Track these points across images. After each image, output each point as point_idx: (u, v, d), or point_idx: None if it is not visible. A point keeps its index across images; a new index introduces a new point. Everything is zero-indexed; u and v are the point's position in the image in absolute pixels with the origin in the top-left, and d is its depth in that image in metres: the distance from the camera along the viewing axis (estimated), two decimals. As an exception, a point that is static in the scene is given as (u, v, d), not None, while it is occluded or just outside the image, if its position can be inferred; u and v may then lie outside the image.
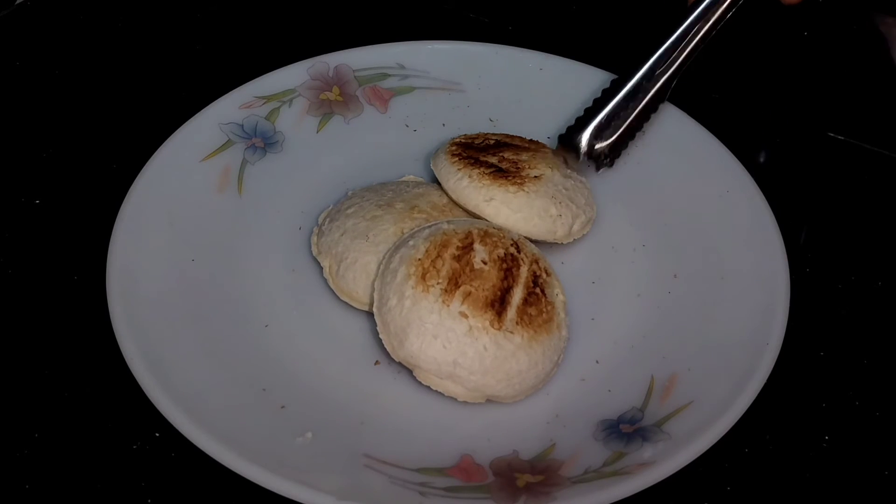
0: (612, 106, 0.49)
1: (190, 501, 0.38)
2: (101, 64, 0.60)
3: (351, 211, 0.45)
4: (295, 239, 0.47)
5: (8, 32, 0.62)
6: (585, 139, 0.48)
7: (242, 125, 0.51)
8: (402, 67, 0.56)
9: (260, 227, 0.47)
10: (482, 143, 0.48)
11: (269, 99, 0.53)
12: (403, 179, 0.49)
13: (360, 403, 0.40)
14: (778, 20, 0.66)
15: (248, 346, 0.42)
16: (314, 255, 0.45)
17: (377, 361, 0.42)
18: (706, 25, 0.50)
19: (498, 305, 0.39)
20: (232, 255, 0.45)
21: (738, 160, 0.49)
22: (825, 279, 0.48)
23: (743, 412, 0.38)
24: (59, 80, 0.58)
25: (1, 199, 0.50)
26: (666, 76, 0.50)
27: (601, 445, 0.38)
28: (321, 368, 0.41)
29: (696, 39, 0.50)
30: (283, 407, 0.39)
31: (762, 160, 0.55)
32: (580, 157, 0.48)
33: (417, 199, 0.46)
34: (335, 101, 0.54)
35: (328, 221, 0.46)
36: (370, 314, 0.41)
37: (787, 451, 0.40)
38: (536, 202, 0.45)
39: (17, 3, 0.64)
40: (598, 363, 0.42)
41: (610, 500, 0.35)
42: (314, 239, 0.46)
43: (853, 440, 0.41)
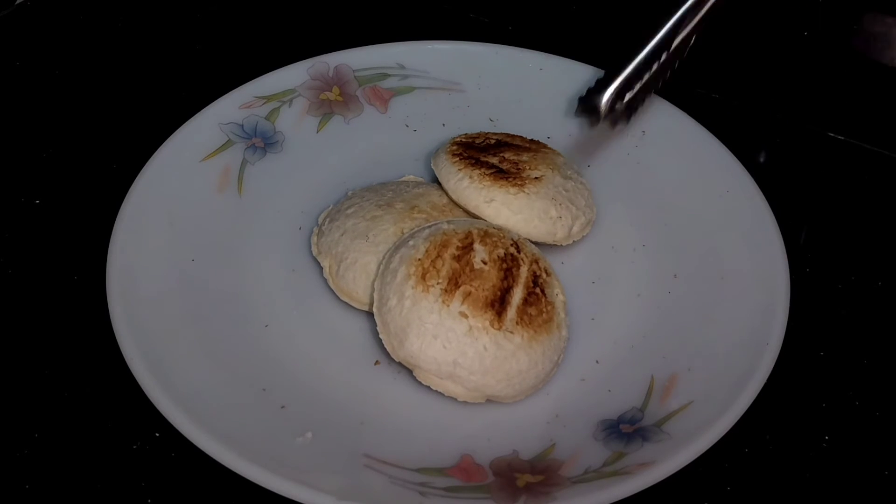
0: (632, 67, 0.47)
1: (190, 501, 0.38)
2: (101, 64, 0.60)
3: (351, 211, 0.45)
4: (295, 239, 0.47)
5: (8, 32, 0.62)
6: (605, 101, 0.46)
7: (242, 125, 0.51)
8: (402, 67, 0.56)
9: (260, 227, 0.47)
10: (483, 142, 0.48)
11: (269, 99, 0.53)
12: (403, 179, 0.49)
13: (360, 403, 0.40)
14: (778, 20, 0.66)
15: (248, 346, 0.42)
16: (314, 255, 0.45)
17: (377, 361, 0.42)
18: None
19: (498, 305, 0.39)
20: (232, 255, 0.45)
21: (738, 160, 0.49)
22: (825, 279, 0.48)
23: (743, 412, 0.38)
24: (59, 80, 0.58)
25: (1, 199, 0.50)
26: (685, 32, 0.48)
27: (601, 445, 0.38)
28: (321, 368, 0.41)
29: None
30: (283, 407, 0.39)
31: (762, 160, 0.55)
32: (601, 118, 0.46)
33: (417, 199, 0.46)
34: (335, 101, 0.54)
35: (328, 221, 0.46)
36: (370, 314, 0.41)
37: (787, 451, 0.40)
38: (537, 204, 0.45)
39: (17, 3, 0.64)
40: (598, 363, 0.42)
41: (610, 500, 0.35)
42: (314, 239, 0.46)
43: (853, 440, 0.41)
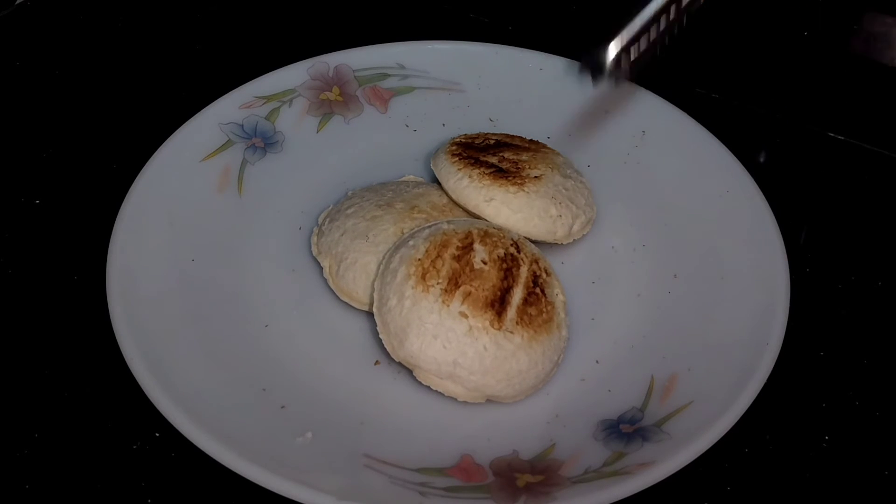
0: (640, 20, 0.45)
1: (190, 501, 0.38)
2: (101, 64, 0.60)
3: (351, 211, 0.45)
4: (295, 239, 0.47)
5: (8, 32, 0.62)
6: (611, 57, 0.44)
7: (242, 125, 0.51)
8: (402, 67, 0.56)
9: (260, 227, 0.47)
10: (482, 142, 0.48)
11: (269, 99, 0.53)
12: (403, 179, 0.49)
13: (360, 403, 0.40)
14: (778, 20, 0.66)
15: (248, 346, 0.42)
16: (314, 255, 0.45)
17: (377, 361, 0.42)
18: None
19: (498, 305, 0.39)
20: (232, 255, 0.45)
21: (738, 160, 0.49)
22: (825, 279, 0.48)
23: (743, 412, 0.38)
24: (59, 80, 0.58)
25: (1, 199, 0.50)
26: None
27: (601, 445, 0.38)
28: (321, 368, 0.41)
29: None
30: (283, 407, 0.39)
31: (762, 160, 0.55)
32: (605, 74, 0.44)
33: (417, 199, 0.46)
34: (335, 101, 0.54)
35: (328, 221, 0.46)
36: (370, 314, 0.41)
37: (787, 451, 0.40)
38: (536, 202, 0.45)
39: (17, 3, 0.64)
40: (598, 363, 0.42)
41: (610, 500, 0.35)
42: (314, 239, 0.46)
43: (853, 440, 0.41)
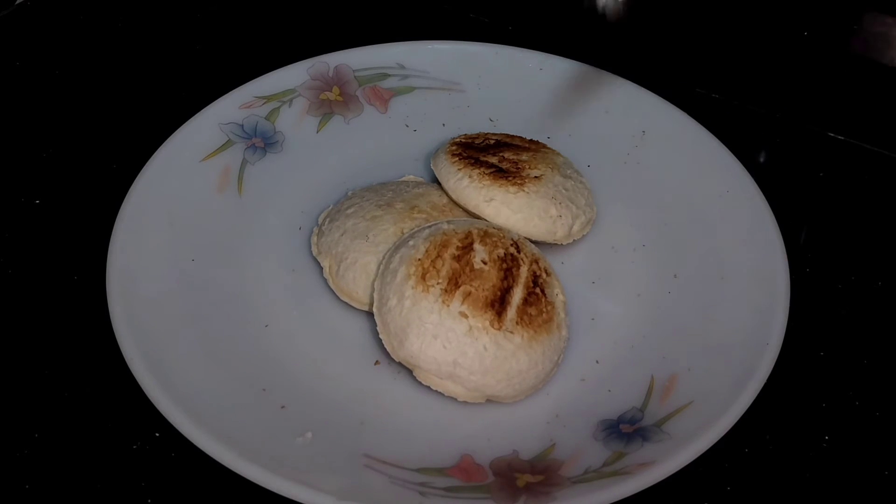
0: None
1: (190, 501, 0.38)
2: (101, 64, 0.60)
3: (351, 211, 0.45)
4: (295, 239, 0.47)
5: (8, 32, 0.62)
6: None
7: (242, 125, 0.51)
8: (402, 67, 0.56)
9: (260, 227, 0.47)
10: (482, 143, 0.48)
11: (269, 99, 0.53)
12: (403, 179, 0.49)
13: (360, 403, 0.40)
14: (778, 20, 0.66)
15: (248, 346, 0.42)
16: (314, 255, 0.45)
17: (377, 361, 0.42)
18: None
19: (498, 305, 0.39)
20: (232, 255, 0.45)
21: (738, 160, 0.49)
22: (825, 279, 0.48)
23: (743, 412, 0.38)
24: (59, 80, 0.58)
25: (1, 199, 0.50)
26: None
27: (601, 445, 0.38)
28: (321, 368, 0.41)
29: None
30: (283, 407, 0.39)
31: (762, 160, 0.55)
32: None
33: (417, 199, 0.46)
34: (335, 101, 0.54)
35: (328, 221, 0.46)
36: (370, 314, 0.41)
37: (787, 451, 0.40)
38: (536, 203, 0.45)
39: (17, 3, 0.64)
40: (598, 363, 0.42)
41: (610, 500, 0.35)
42: (314, 239, 0.46)
43: (853, 440, 0.41)
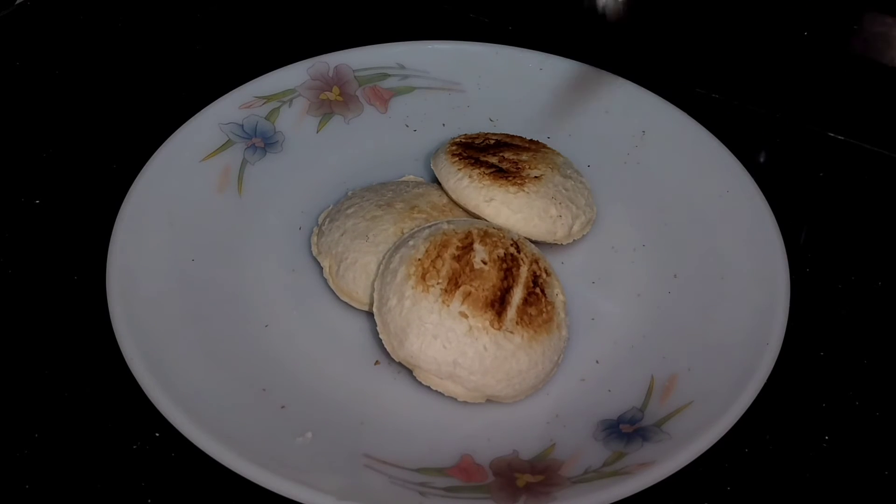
0: None
1: (190, 501, 0.38)
2: (101, 64, 0.60)
3: (351, 211, 0.45)
4: (295, 239, 0.47)
5: (8, 32, 0.62)
6: None
7: (242, 125, 0.51)
8: (402, 67, 0.56)
9: (260, 227, 0.47)
10: (482, 143, 0.48)
11: (269, 99, 0.53)
12: (403, 179, 0.49)
13: (360, 403, 0.40)
14: (778, 20, 0.66)
15: (248, 346, 0.42)
16: (314, 255, 0.45)
17: (377, 361, 0.42)
18: None
19: (498, 305, 0.39)
20: (232, 255, 0.45)
21: (738, 160, 0.49)
22: (825, 279, 0.48)
23: (743, 412, 0.38)
24: (59, 80, 0.58)
25: (1, 199, 0.50)
26: None
27: (601, 445, 0.38)
28: (321, 368, 0.41)
29: None
30: (283, 407, 0.39)
31: (762, 160, 0.55)
32: None
33: (417, 199, 0.46)
34: (335, 101, 0.54)
35: (328, 221, 0.46)
36: (370, 314, 0.41)
37: (787, 451, 0.40)
38: (536, 203, 0.45)
39: (17, 3, 0.64)
40: (598, 363, 0.42)
41: (610, 500, 0.35)
42: (314, 239, 0.46)
43: (853, 440, 0.41)
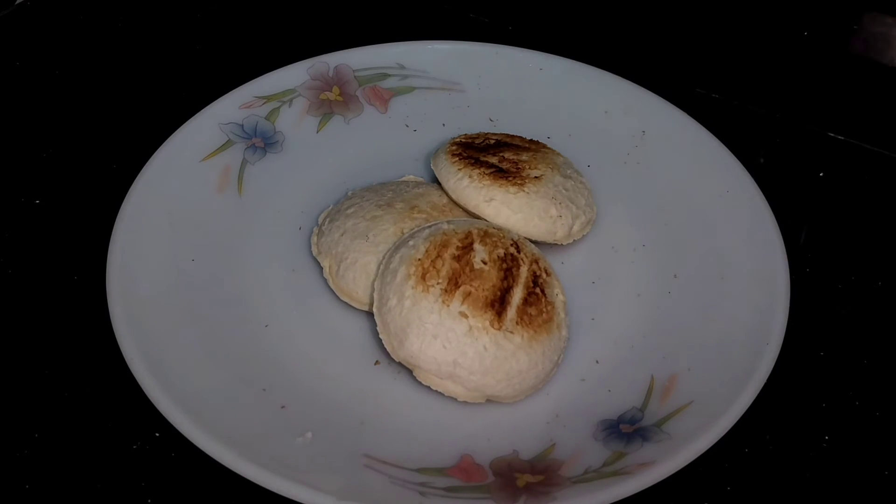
0: None
1: (190, 501, 0.38)
2: (101, 64, 0.60)
3: (351, 211, 0.45)
4: (295, 239, 0.47)
5: (8, 32, 0.62)
6: None
7: (242, 125, 0.51)
8: (402, 67, 0.56)
9: (260, 227, 0.47)
10: (482, 142, 0.48)
11: (269, 99, 0.53)
12: (403, 179, 0.49)
13: (360, 403, 0.40)
14: (778, 20, 0.66)
15: (248, 346, 0.42)
16: (314, 255, 0.45)
17: (377, 361, 0.42)
18: None
19: (498, 305, 0.39)
20: (232, 255, 0.45)
21: (738, 160, 0.49)
22: (825, 279, 0.48)
23: (743, 412, 0.38)
24: (59, 80, 0.58)
25: (1, 199, 0.50)
26: None
27: (601, 445, 0.38)
28: (321, 368, 0.41)
29: None
30: (283, 407, 0.39)
31: (762, 160, 0.55)
32: None
33: (417, 199, 0.46)
34: (335, 101, 0.54)
35: (328, 221, 0.46)
36: (370, 314, 0.41)
37: (787, 451, 0.40)
38: (536, 203, 0.45)
39: (17, 3, 0.64)
40: (598, 363, 0.42)
41: (610, 500, 0.35)
42: (314, 239, 0.46)
43: (853, 440, 0.41)
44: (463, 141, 0.48)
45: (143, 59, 0.60)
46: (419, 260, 0.40)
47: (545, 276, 0.42)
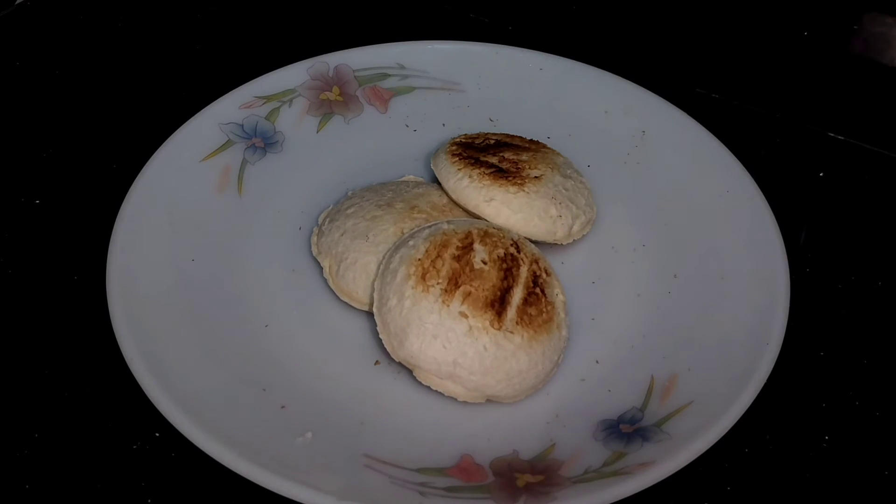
0: None
1: (190, 501, 0.38)
2: (101, 64, 0.60)
3: (351, 211, 0.45)
4: (295, 239, 0.47)
5: (8, 32, 0.62)
6: None
7: (242, 125, 0.51)
8: (402, 67, 0.56)
9: (260, 227, 0.47)
10: (482, 142, 0.48)
11: (269, 99, 0.53)
12: (403, 179, 0.49)
13: (360, 403, 0.40)
14: (778, 20, 0.66)
15: (248, 346, 0.42)
16: (314, 255, 0.45)
17: (377, 361, 0.42)
18: None
19: (498, 305, 0.39)
20: (232, 255, 0.45)
21: (738, 160, 0.49)
22: (825, 279, 0.48)
23: (743, 412, 0.38)
24: (59, 80, 0.58)
25: (1, 199, 0.50)
26: None
27: (601, 445, 0.38)
28: (321, 368, 0.41)
29: None
30: (283, 407, 0.39)
31: (762, 160, 0.55)
32: None
33: (417, 199, 0.46)
34: (335, 101, 0.54)
35: (328, 221, 0.46)
36: (370, 314, 0.41)
37: (787, 451, 0.40)
38: (536, 203, 0.45)
39: (17, 3, 0.64)
40: (598, 363, 0.42)
41: (610, 500, 0.35)
42: (314, 239, 0.46)
43: (853, 440, 0.41)
44: (463, 141, 0.48)
45: (143, 59, 0.60)
46: (419, 260, 0.40)
47: (545, 276, 0.42)
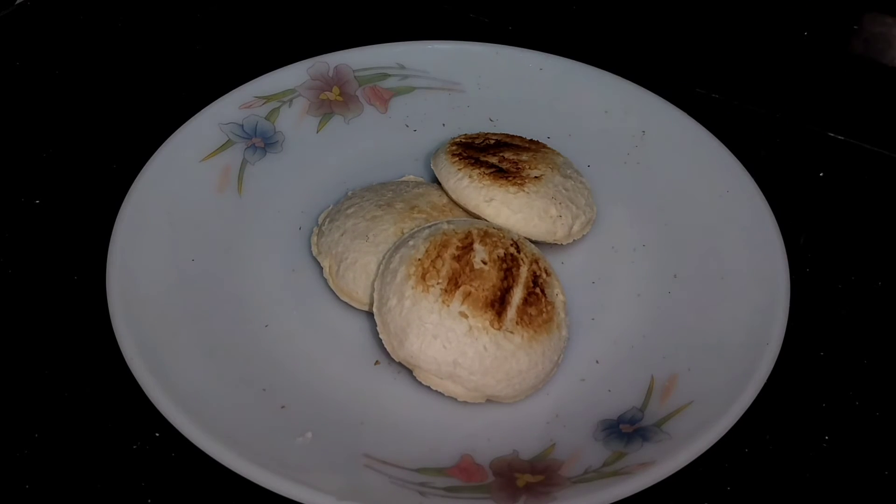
0: None
1: (190, 501, 0.38)
2: (101, 64, 0.60)
3: (351, 211, 0.45)
4: (295, 239, 0.47)
5: (8, 32, 0.62)
6: None
7: (242, 125, 0.51)
8: (402, 67, 0.56)
9: (260, 227, 0.47)
10: (482, 142, 0.48)
11: (269, 99, 0.53)
12: (403, 179, 0.49)
13: (360, 403, 0.40)
14: (778, 20, 0.66)
15: (248, 346, 0.42)
16: (314, 255, 0.45)
17: (377, 361, 0.42)
18: None
19: (498, 305, 0.39)
20: (232, 255, 0.45)
21: (738, 160, 0.49)
22: (825, 279, 0.48)
23: (743, 412, 0.38)
24: (59, 80, 0.58)
25: (1, 199, 0.50)
26: None
27: (601, 445, 0.38)
28: (321, 368, 0.41)
29: None
30: (283, 407, 0.39)
31: (762, 160, 0.55)
32: None
33: (417, 199, 0.46)
34: (335, 101, 0.54)
35: (328, 221, 0.46)
36: (370, 314, 0.41)
37: (787, 451, 0.40)
38: (536, 203, 0.45)
39: (17, 3, 0.64)
40: (598, 363, 0.42)
41: (610, 500, 0.35)
42: (314, 239, 0.46)
43: (853, 440, 0.41)
44: (463, 141, 0.48)
45: (143, 59, 0.60)
46: (419, 260, 0.40)
47: (545, 276, 0.42)
